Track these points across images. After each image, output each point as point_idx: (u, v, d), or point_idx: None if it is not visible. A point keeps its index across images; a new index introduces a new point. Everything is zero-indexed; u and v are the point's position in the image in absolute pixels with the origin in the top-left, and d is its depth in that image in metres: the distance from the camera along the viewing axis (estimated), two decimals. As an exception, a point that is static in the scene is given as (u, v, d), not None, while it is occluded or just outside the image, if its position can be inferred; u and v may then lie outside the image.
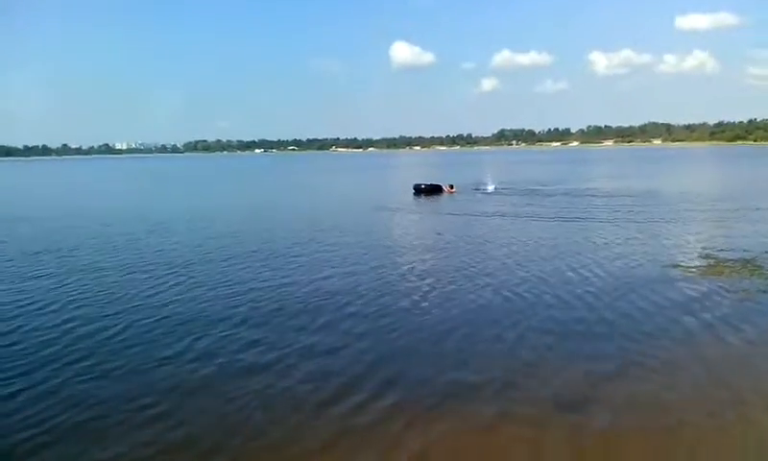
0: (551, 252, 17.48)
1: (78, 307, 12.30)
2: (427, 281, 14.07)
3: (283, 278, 14.80)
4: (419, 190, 38.20)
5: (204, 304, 12.36)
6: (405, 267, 15.88)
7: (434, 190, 38.26)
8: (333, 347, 9.72)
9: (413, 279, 14.50)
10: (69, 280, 14.79)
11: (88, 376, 8.61)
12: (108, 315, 11.66)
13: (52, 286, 14.28)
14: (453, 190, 38.48)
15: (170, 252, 18.80)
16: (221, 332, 10.48)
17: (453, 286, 13.63)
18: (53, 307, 12.35)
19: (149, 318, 11.40)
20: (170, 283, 14.35)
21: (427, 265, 16.11)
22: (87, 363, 9.11)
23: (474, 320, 11.08)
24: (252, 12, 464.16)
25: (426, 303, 12.20)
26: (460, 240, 20.01)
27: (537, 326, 10.59)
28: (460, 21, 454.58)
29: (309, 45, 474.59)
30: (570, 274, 14.53)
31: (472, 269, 15.41)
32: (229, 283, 14.26)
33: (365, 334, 10.32)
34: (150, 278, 14.98)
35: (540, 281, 13.80)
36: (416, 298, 12.68)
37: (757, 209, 25.89)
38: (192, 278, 14.91)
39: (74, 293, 13.55)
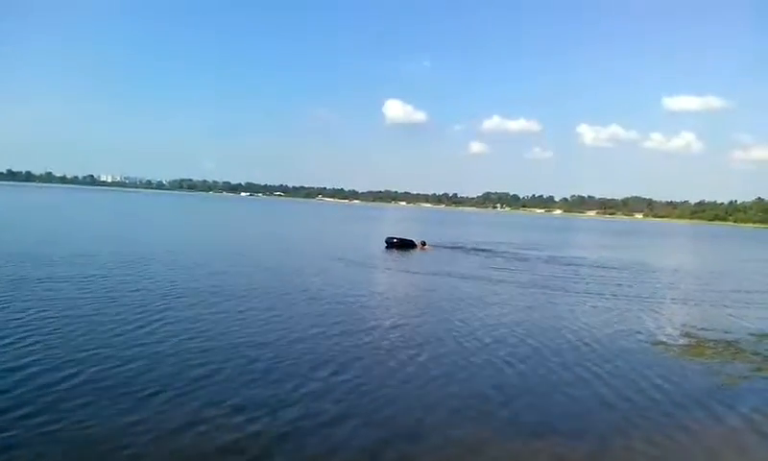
0: (522, 320, 15.94)
1: None
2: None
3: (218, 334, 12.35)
4: (391, 244, 36.76)
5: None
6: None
7: (406, 245, 36.85)
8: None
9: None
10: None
11: None
12: None
13: None
14: (426, 247, 37.11)
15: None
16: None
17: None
18: None
19: None
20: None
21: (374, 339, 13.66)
22: None
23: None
24: (249, 53, 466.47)
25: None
26: (427, 309, 17.61)
27: (485, 397, 9.75)
28: (452, 84, 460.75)
29: (303, 93, 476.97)
30: (541, 346, 13.31)
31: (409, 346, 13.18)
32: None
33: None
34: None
35: (505, 350, 12.74)
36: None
37: (738, 291, 24.60)
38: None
39: None
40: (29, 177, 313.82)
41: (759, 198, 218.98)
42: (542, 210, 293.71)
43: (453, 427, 8.48)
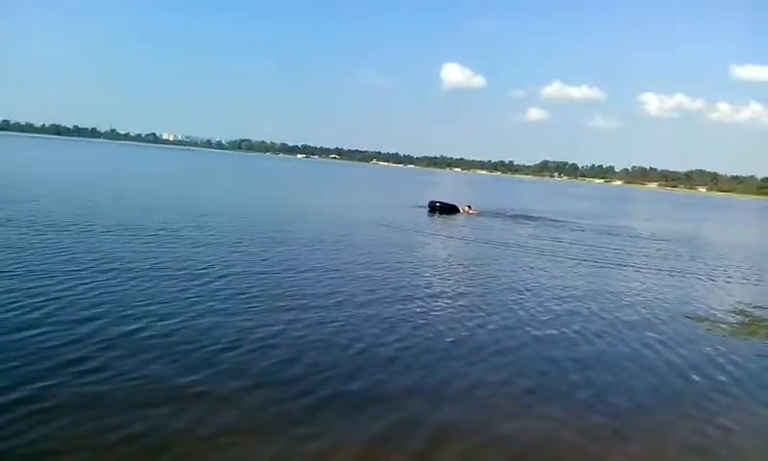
0: (564, 293, 14.55)
1: None
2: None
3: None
4: (434, 208, 35.50)
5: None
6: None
7: (450, 209, 35.59)
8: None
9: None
10: None
11: None
12: None
13: None
14: (472, 211, 35.85)
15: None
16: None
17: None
18: None
19: None
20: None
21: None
22: None
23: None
24: (310, 22, 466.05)
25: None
26: (463, 278, 16.39)
27: (530, 368, 8.90)
28: (514, 48, 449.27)
29: (361, 58, 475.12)
30: (580, 319, 12.13)
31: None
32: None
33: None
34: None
35: (555, 324, 11.52)
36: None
37: None
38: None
39: None
40: (94, 133, 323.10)
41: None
42: (601, 180, 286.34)
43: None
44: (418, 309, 11.69)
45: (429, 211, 35.16)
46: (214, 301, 10.82)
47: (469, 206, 36.34)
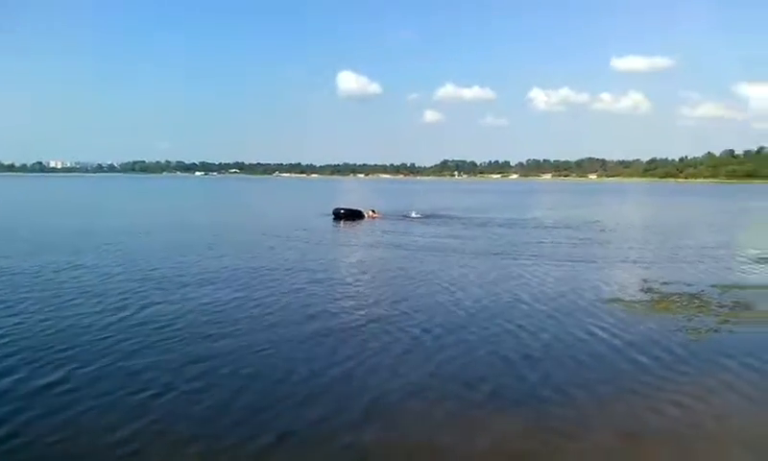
0: (484, 289, 14.62)
1: None
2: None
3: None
4: (338, 215, 35.33)
5: None
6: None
7: (354, 215, 35.55)
8: None
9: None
10: None
11: None
12: None
13: None
14: (376, 215, 36.06)
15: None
16: None
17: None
18: None
19: None
20: None
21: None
22: None
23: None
24: (193, 30, 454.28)
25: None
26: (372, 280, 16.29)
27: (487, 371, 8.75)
28: (406, 54, 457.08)
29: (256, 67, 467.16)
30: (512, 314, 12.08)
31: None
32: None
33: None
34: None
35: (481, 323, 11.42)
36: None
37: (696, 246, 23.76)
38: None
39: None
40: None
41: (709, 152, 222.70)
42: (499, 176, 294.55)
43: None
44: (351, 325, 11.14)
45: (334, 219, 34.86)
46: (137, 338, 9.91)
47: (373, 211, 36.39)
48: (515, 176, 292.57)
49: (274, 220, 36.69)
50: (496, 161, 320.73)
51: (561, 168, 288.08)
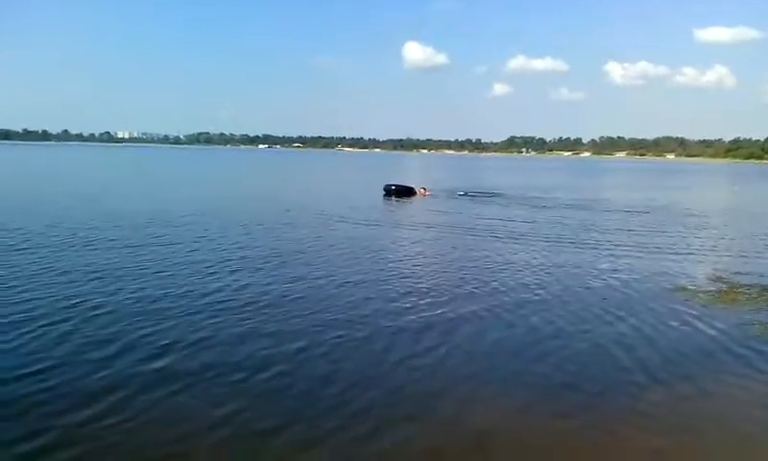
0: (540, 277, 13.76)
1: None
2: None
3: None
4: (389, 192, 34.99)
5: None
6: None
7: (405, 192, 35.22)
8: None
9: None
10: None
11: None
12: None
13: None
14: (428, 193, 35.37)
15: None
16: None
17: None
18: None
19: None
20: None
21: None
22: None
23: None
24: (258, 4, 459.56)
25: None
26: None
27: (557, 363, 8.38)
28: (475, 24, 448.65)
29: (319, 41, 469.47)
30: (567, 305, 11.41)
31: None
32: None
33: None
34: None
35: (524, 306, 11.21)
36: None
37: None
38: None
39: None
40: (45, 136, 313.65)
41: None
42: (570, 153, 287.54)
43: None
44: (434, 313, 10.56)
45: (385, 195, 34.58)
46: (223, 314, 9.93)
47: (424, 188, 35.73)
48: (586, 153, 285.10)
49: (331, 197, 35.90)
50: (567, 138, 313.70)
51: (636, 146, 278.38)
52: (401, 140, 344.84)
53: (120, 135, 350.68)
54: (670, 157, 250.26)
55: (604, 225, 23.62)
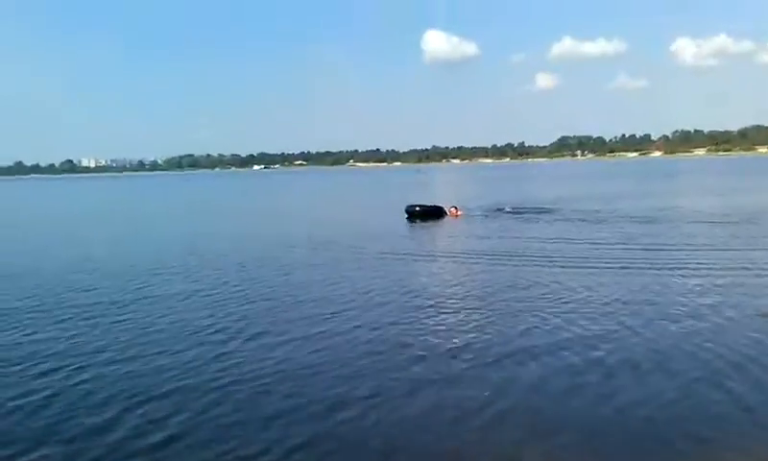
0: (610, 316, 13.20)
1: None
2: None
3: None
4: (413, 214, 35.14)
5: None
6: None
7: (433, 213, 35.15)
8: None
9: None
10: None
11: None
12: None
13: None
14: (458, 213, 35.24)
15: None
16: None
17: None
18: None
19: None
20: None
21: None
22: None
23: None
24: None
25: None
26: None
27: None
28: (509, 4, 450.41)
29: (320, 33, 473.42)
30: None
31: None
32: None
33: None
34: None
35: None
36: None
37: None
38: None
39: None
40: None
41: None
42: (636, 153, 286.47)
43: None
44: (466, 360, 10.60)
45: (408, 218, 34.72)
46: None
47: (455, 207, 35.66)
48: (657, 153, 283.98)
49: (350, 221, 36.82)
50: (632, 135, 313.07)
51: (718, 140, 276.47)
52: (426, 150, 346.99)
53: (85, 164, 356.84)
54: (762, 150, 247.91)
55: (681, 240, 23.48)
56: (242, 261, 21.73)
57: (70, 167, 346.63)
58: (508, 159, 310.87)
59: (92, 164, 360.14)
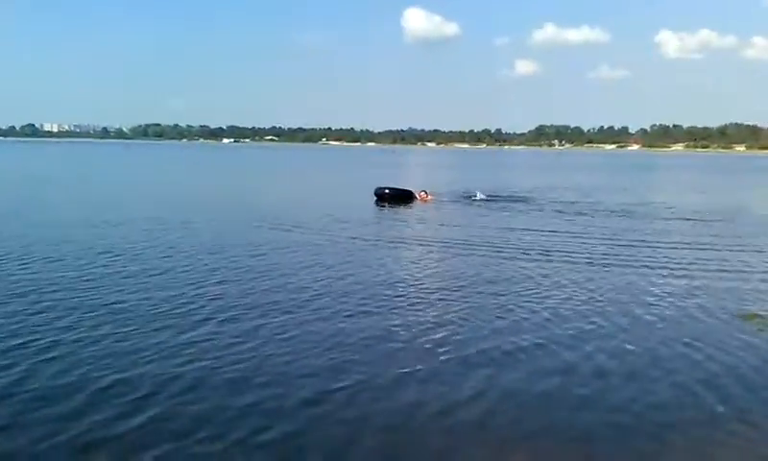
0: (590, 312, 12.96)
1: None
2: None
3: None
4: (382, 197, 34.75)
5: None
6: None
7: (402, 197, 34.90)
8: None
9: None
10: None
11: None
12: None
13: None
14: (429, 198, 35.08)
15: None
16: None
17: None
18: None
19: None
20: None
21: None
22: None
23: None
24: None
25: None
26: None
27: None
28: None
29: (297, 13, 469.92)
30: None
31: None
32: None
33: None
34: None
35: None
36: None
37: None
38: None
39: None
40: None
41: None
42: (614, 146, 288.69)
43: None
44: (448, 350, 10.34)
45: (377, 201, 34.39)
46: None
47: (425, 192, 35.59)
48: (635, 146, 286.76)
49: (318, 203, 35.73)
50: (610, 127, 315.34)
51: (697, 136, 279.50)
52: (402, 132, 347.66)
53: (47, 128, 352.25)
54: (740, 149, 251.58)
55: (662, 237, 23.26)
56: (199, 242, 20.74)
57: (32, 131, 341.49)
58: (484, 145, 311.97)
59: (55, 129, 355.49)
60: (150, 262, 17.02)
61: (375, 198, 34.66)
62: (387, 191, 34.95)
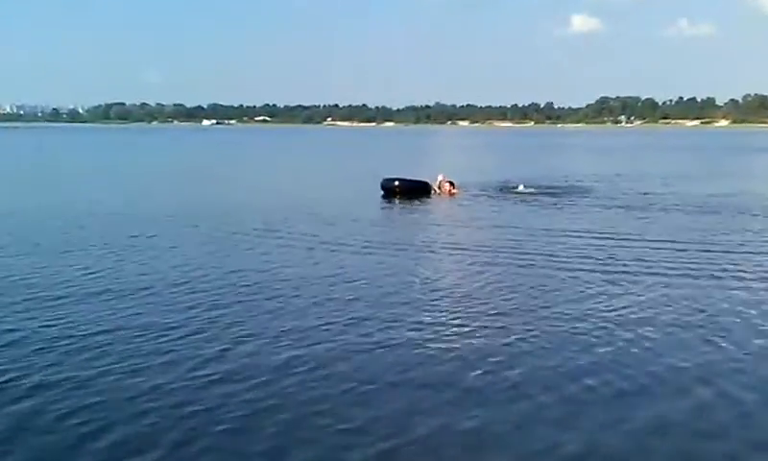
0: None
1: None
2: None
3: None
4: (390, 190, 34.48)
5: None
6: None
7: (416, 190, 34.53)
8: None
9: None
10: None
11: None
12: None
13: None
14: (453, 190, 34.62)
15: None
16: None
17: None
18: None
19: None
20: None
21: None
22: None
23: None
24: None
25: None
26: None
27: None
28: None
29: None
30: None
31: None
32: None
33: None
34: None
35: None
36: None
37: None
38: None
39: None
40: None
41: None
42: (696, 121, 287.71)
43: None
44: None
45: (384, 196, 34.16)
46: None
47: (451, 182, 34.97)
48: (723, 121, 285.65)
49: (316, 199, 34.71)
50: (692, 99, 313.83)
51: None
52: (427, 108, 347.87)
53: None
54: None
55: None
56: (182, 243, 21.33)
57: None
58: (532, 124, 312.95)
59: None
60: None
61: (382, 192, 34.33)
62: (396, 183, 34.62)
